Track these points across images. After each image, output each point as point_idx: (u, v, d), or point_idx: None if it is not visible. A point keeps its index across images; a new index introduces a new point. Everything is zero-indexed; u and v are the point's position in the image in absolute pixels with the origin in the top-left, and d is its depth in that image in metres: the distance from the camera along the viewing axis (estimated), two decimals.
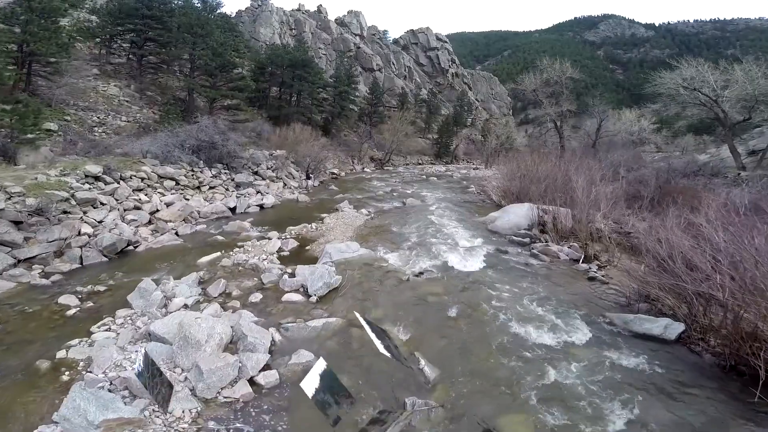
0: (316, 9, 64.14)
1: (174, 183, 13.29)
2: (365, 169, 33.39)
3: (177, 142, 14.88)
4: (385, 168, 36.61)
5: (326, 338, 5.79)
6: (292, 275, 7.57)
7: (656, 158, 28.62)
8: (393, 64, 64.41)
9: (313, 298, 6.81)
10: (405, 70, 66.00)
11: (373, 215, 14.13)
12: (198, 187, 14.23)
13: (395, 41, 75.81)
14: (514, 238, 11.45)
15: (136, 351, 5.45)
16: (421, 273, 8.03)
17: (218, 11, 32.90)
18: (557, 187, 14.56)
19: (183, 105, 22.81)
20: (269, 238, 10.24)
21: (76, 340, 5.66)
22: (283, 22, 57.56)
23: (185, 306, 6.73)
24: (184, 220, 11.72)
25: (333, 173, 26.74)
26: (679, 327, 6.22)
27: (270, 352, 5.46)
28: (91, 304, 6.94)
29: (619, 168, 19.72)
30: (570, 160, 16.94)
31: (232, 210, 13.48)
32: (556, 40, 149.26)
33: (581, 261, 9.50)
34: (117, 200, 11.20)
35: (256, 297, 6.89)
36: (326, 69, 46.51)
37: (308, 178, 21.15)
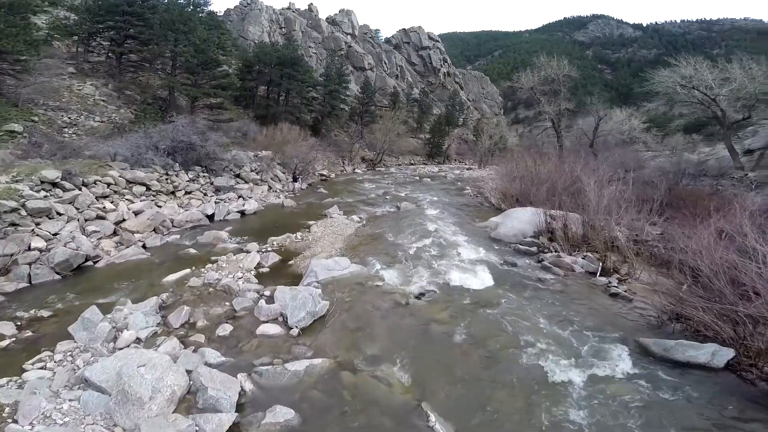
0: (306, 8, 62.99)
1: (144, 188, 12.01)
2: (356, 170, 32.27)
3: (150, 144, 13.59)
4: (377, 169, 35.55)
5: (310, 386, 4.66)
6: (270, 300, 6.41)
7: (647, 157, 28.10)
8: (385, 63, 63.42)
9: (294, 331, 5.65)
10: (397, 70, 65.08)
11: (365, 222, 12.97)
12: (172, 193, 12.91)
13: (387, 40, 74.97)
14: (520, 247, 10.45)
15: (70, 400, 4.37)
16: (422, 294, 6.92)
17: (206, 9, 31.65)
18: (563, 190, 13.62)
19: (164, 104, 21.61)
20: (247, 251, 9.03)
21: (5, 380, 4.68)
22: (273, 21, 56.39)
23: (138, 340, 5.58)
24: (154, 230, 10.48)
25: (322, 175, 25.55)
26: (728, 353, 5.35)
27: (239, 405, 4.35)
28: (30, 333, 5.86)
29: (620, 168, 18.89)
30: (575, 161, 16.00)
31: (210, 217, 12.22)
32: (546, 40, 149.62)
33: (598, 274, 8.51)
34: (77, 209, 9.96)
35: (225, 329, 5.72)
36: (316, 68, 45.41)
37: (295, 180, 19.92)
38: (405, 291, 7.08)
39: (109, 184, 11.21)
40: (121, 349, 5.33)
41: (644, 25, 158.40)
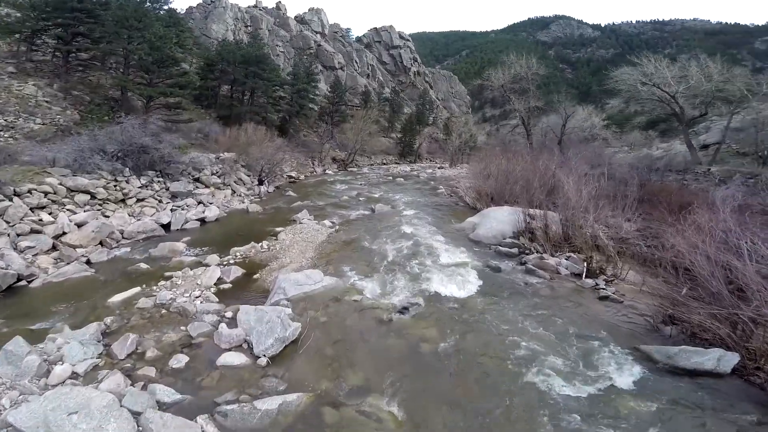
0: (274, 6, 61.20)
1: (89, 197, 10.75)
2: (327, 171, 31.33)
3: (96, 147, 12.24)
4: (349, 169, 34.73)
5: (286, 427, 3.92)
6: (233, 323, 5.59)
7: (607, 153, 28.94)
8: (356, 62, 62.61)
9: (263, 360, 4.87)
10: (368, 69, 64.45)
11: (337, 227, 12.19)
12: (122, 201, 11.63)
13: (358, 39, 74.21)
14: (501, 248, 10.06)
15: None
16: (405, 308, 6.28)
17: (165, 6, 29.88)
18: (539, 187, 13.42)
19: (115, 105, 20.01)
20: (207, 265, 8.09)
21: None
22: (238, 19, 54.39)
23: (74, 375, 4.71)
24: (100, 243, 9.32)
25: (290, 177, 24.48)
26: (733, 357, 5.11)
27: None
28: None
29: (588, 165, 19.06)
30: (548, 158, 15.91)
31: (166, 227, 11.08)
32: (511, 40, 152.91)
33: (584, 275, 8.20)
34: (8, 222, 8.70)
35: (180, 360, 4.88)
36: (284, 67, 44.08)
37: (261, 183, 18.81)
38: (387, 305, 6.43)
39: (46, 193, 9.92)
40: (54, 386, 4.46)
41: (602, 25, 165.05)
